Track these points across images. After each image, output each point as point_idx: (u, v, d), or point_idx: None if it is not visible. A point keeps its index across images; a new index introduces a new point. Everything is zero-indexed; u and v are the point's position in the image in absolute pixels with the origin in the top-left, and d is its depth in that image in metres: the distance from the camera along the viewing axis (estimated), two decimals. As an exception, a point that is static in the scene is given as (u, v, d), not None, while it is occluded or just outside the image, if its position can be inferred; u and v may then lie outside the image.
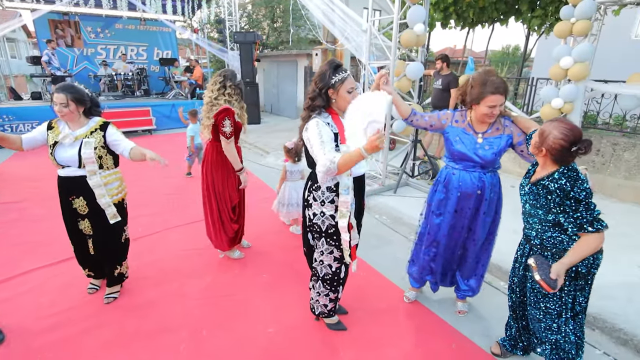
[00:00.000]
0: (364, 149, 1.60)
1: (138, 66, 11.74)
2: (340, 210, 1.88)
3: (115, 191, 2.48)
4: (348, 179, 1.85)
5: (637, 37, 9.14)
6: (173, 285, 2.83)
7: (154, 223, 3.92)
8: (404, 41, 4.10)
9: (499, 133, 2.10)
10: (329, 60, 1.90)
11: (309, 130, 1.83)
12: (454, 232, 2.34)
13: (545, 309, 1.75)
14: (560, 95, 4.26)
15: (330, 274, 2.10)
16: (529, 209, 1.76)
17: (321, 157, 1.73)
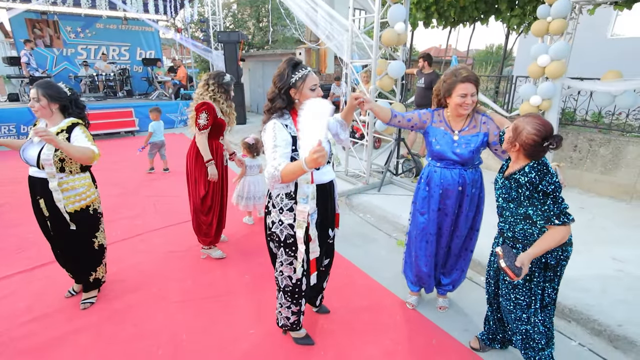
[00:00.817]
0: (305, 161, 1.48)
1: (120, 66, 11.53)
2: (298, 220, 1.78)
3: (79, 197, 2.33)
4: (307, 186, 1.74)
5: (612, 36, 9.39)
6: (153, 288, 2.79)
7: (135, 226, 3.85)
8: (385, 40, 4.12)
9: (475, 131, 2.12)
10: (287, 58, 1.79)
11: (266, 132, 1.73)
12: (441, 232, 2.35)
13: (515, 299, 1.79)
14: (539, 93, 4.35)
15: (291, 285, 1.98)
16: (502, 203, 1.80)
17: (269, 163, 1.63)
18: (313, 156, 1.43)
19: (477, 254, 3.13)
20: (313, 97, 1.73)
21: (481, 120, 2.14)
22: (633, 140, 4.27)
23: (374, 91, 4.42)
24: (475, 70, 15.61)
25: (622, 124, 4.63)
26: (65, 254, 2.47)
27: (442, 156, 2.18)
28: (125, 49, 12.51)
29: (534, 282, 1.74)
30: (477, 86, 2.06)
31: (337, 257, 3.26)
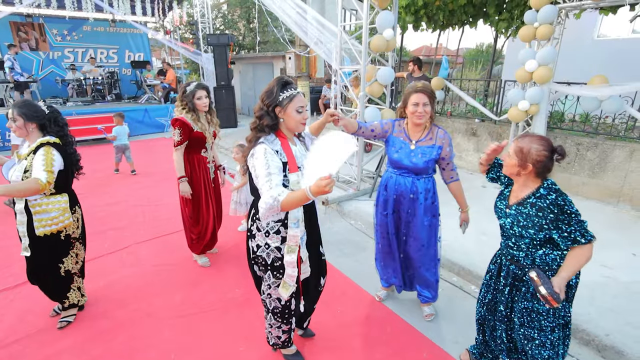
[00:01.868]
0: (310, 190, 1.45)
1: (108, 69, 11.37)
2: (289, 245, 1.74)
3: (50, 222, 2.22)
4: (298, 210, 1.72)
5: (599, 37, 9.52)
6: (141, 304, 2.74)
7: (122, 237, 3.79)
8: (373, 46, 4.11)
9: (431, 143, 2.26)
10: (277, 77, 1.77)
11: (256, 157, 1.65)
12: (398, 234, 2.48)
13: (540, 326, 1.71)
14: (527, 98, 4.39)
15: (280, 307, 1.94)
16: (519, 231, 1.68)
17: (266, 192, 1.56)
18: (323, 187, 1.40)
19: (465, 262, 3.15)
20: (298, 119, 1.72)
21: (438, 133, 2.26)
22: (619, 144, 4.32)
23: (364, 97, 4.41)
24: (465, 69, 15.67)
25: (608, 127, 4.69)
26: (35, 277, 2.39)
27: (399, 164, 2.31)
28: (113, 51, 12.34)
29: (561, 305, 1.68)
30: (431, 98, 2.18)
31: (328, 267, 3.24)
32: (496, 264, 1.91)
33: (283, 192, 1.56)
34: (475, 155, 5.77)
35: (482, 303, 2.02)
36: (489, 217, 2.21)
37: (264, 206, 1.55)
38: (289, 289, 1.81)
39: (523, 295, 1.73)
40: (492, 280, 1.93)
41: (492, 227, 3.71)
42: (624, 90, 4.00)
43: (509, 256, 1.78)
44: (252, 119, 1.80)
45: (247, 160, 1.73)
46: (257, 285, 2.02)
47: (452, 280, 3.09)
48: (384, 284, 2.80)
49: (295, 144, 1.82)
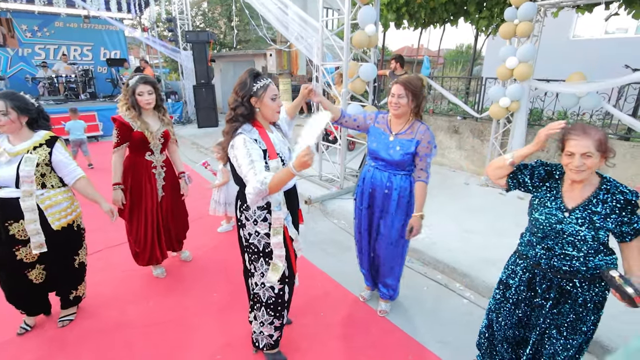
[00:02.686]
0: (293, 166, 1.54)
1: (83, 67, 10.93)
2: (274, 228, 1.82)
3: (64, 213, 2.22)
4: (278, 194, 1.79)
5: (574, 37, 9.77)
6: (112, 313, 2.57)
7: (93, 241, 3.54)
8: (355, 42, 4.04)
9: (411, 137, 2.18)
10: (248, 69, 1.81)
11: (236, 147, 1.69)
12: (366, 230, 2.46)
13: (582, 333, 1.60)
14: (507, 95, 4.41)
15: (274, 296, 1.95)
16: (588, 234, 1.48)
17: (251, 179, 1.62)
18: (303, 159, 1.50)
19: (450, 259, 3.11)
20: (274, 107, 1.79)
21: (419, 129, 2.19)
22: (597, 140, 4.38)
23: (346, 94, 4.33)
24: (446, 69, 15.88)
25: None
26: (51, 275, 2.31)
27: (376, 154, 2.27)
28: (87, 49, 11.89)
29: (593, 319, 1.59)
30: (409, 90, 2.11)
31: (310, 268, 3.17)
32: (523, 278, 1.69)
33: (268, 175, 1.62)
34: (458, 152, 5.79)
35: (508, 322, 1.78)
36: (472, 214, 2.17)
37: (252, 191, 1.61)
38: (279, 269, 1.85)
39: (570, 307, 1.58)
40: (519, 296, 1.71)
41: (476, 225, 3.74)
42: (600, 87, 4.06)
43: (553, 268, 1.58)
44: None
45: (227, 152, 1.77)
46: (246, 279, 2.09)
47: (436, 278, 3.04)
48: (367, 283, 2.74)
49: (272, 131, 1.87)
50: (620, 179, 1.56)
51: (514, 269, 1.75)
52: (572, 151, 1.44)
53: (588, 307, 1.56)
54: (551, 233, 1.56)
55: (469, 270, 2.96)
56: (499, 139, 5.02)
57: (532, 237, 1.66)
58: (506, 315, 1.77)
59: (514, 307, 1.74)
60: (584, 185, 1.52)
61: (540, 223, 1.59)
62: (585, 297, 1.55)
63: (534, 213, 1.63)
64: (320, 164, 5.10)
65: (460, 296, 2.82)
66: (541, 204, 1.61)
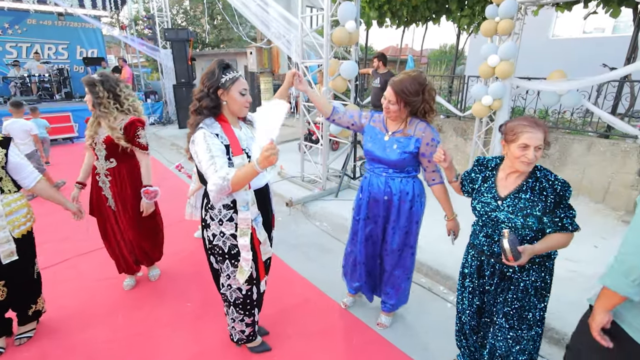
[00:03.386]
0: (257, 162, 1.46)
1: (57, 66, 10.51)
2: (241, 228, 1.72)
3: (24, 219, 2.07)
4: (246, 193, 1.69)
5: (553, 37, 9.92)
6: (76, 326, 2.40)
7: (61, 250, 3.38)
8: (335, 39, 3.94)
9: (409, 135, 2.05)
10: (217, 60, 1.70)
11: (196, 143, 1.60)
12: (370, 240, 2.30)
13: (527, 324, 1.66)
14: (489, 93, 4.38)
15: (242, 297, 1.90)
16: (519, 221, 1.54)
17: (212, 175, 1.53)
18: (265, 154, 1.42)
19: (434, 262, 3.04)
20: (242, 101, 1.70)
21: (418, 126, 2.03)
22: (578, 138, 4.41)
23: (327, 92, 4.22)
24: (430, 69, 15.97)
25: (567, 122, 4.79)
26: (9, 290, 2.11)
27: (372, 155, 2.14)
28: (62, 47, 11.45)
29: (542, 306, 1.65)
30: (401, 97, 1.94)
31: (290, 273, 3.05)
32: (473, 265, 1.77)
33: (231, 170, 1.53)
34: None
35: (469, 311, 1.83)
36: (459, 215, 2.08)
37: (213, 189, 1.52)
38: (245, 273, 1.77)
39: (514, 294, 1.63)
40: (473, 284, 1.78)
41: (462, 225, 3.67)
42: (581, 85, 4.07)
43: (494, 254, 1.66)
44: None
45: (189, 148, 1.69)
46: (215, 279, 1.99)
47: (420, 282, 2.96)
48: (350, 291, 2.63)
49: (240, 127, 1.79)
50: (600, 177, 1.57)
51: (466, 259, 1.83)
52: (527, 143, 1.47)
53: (530, 292, 1.62)
54: (488, 221, 1.65)
55: (453, 272, 2.89)
56: (482, 137, 5.00)
57: (475, 226, 1.77)
58: (467, 305, 1.84)
59: (471, 296, 1.81)
60: (518, 175, 1.58)
61: (478, 212, 1.68)
62: (525, 282, 1.61)
63: (473, 202, 1.72)
64: (302, 164, 4.98)
65: (444, 300, 2.75)
66: (478, 193, 1.70)
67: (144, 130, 2.45)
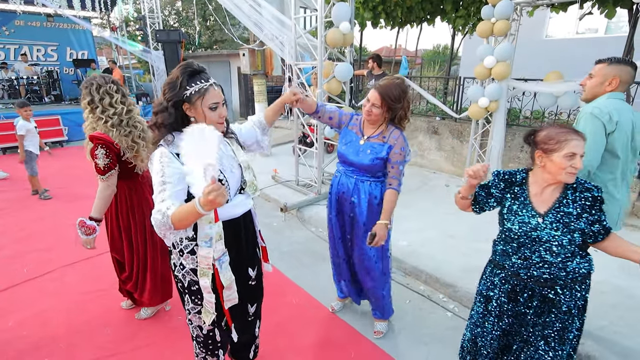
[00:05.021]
0: (200, 203, 1.14)
1: (46, 68, 10.32)
2: (200, 267, 1.43)
3: None
4: (210, 226, 1.37)
5: (547, 37, 9.94)
6: (59, 344, 2.28)
7: (46, 260, 3.25)
8: (329, 40, 3.85)
9: (383, 141, 2.04)
10: (184, 63, 1.39)
11: (152, 163, 1.34)
12: (339, 238, 2.31)
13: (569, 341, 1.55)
14: (486, 94, 4.32)
15: (202, 336, 1.64)
16: (565, 238, 1.42)
17: (156, 205, 1.27)
18: (208, 197, 1.09)
19: (433, 268, 2.97)
20: (213, 117, 1.39)
21: (392, 133, 2.03)
22: (574, 139, 4.36)
23: (322, 95, 4.14)
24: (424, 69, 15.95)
25: (564, 123, 4.74)
26: None
27: (344, 158, 2.14)
28: (52, 49, 11.25)
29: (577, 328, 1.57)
30: (385, 101, 1.95)
31: (284, 282, 2.95)
32: (502, 289, 1.60)
33: (172, 205, 1.24)
34: (437, 153, 5.70)
35: (493, 335, 1.67)
36: (454, 218, 2.02)
37: (154, 223, 1.26)
38: (210, 315, 1.52)
39: (556, 316, 1.51)
40: (502, 307, 1.62)
41: (458, 229, 3.61)
42: (577, 86, 4.02)
43: (533, 277, 1.50)
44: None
45: None
46: (183, 304, 1.68)
47: (419, 290, 2.89)
48: (339, 294, 2.61)
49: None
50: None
51: (492, 280, 1.66)
52: (575, 152, 1.36)
53: (573, 313, 1.51)
54: (527, 242, 1.49)
55: (453, 279, 2.82)
56: (479, 139, 4.95)
57: (506, 246, 1.57)
58: (490, 329, 1.68)
59: (497, 320, 1.66)
60: (555, 186, 1.47)
61: (514, 233, 1.51)
62: (569, 304, 1.50)
63: (507, 224, 1.55)
64: (297, 168, 4.89)
65: (444, 308, 2.67)
66: (511, 212, 1.54)
67: (105, 149, 2.01)
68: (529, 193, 1.52)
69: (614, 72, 1.89)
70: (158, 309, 2.58)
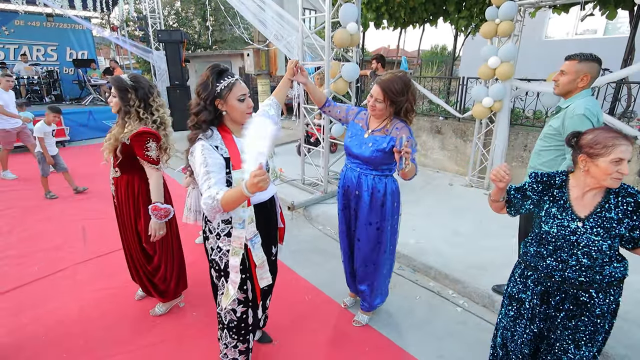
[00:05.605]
0: (246, 187, 1.31)
1: (47, 68, 10.29)
2: (233, 247, 1.59)
3: None
4: (243, 210, 1.56)
5: (546, 37, 10.04)
6: (78, 340, 2.30)
7: (56, 259, 3.27)
8: (337, 41, 3.90)
9: (385, 134, 2.07)
10: (211, 65, 1.57)
11: (194, 155, 1.51)
12: (344, 232, 2.37)
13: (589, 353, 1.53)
14: (490, 94, 4.38)
15: (236, 320, 1.77)
16: (605, 244, 1.40)
17: (205, 192, 1.43)
18: (254, 181, 1.27)
19: (441, 264, 3.01)
20: (242, 108, 1.58)
21: (396, 126, 2.05)
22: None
23: (328, 95, 4.18)
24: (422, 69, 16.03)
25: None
26: None
27: (349, 150, 2.19)
28: (52, 49, 11.22)
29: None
30: (387, 96, 1.97)
31: (296, 280, 2.99)
32: (535, 291, 1.58)
33: (221, 190, 1.42)
34: (441, 152, 5.75)
35: (525, 339, 1.65)
36: (460, 216, 2.06)
37: (204, 207, 1.43)
38: (230, 297, 1.65)
39: (588, 319, 1.49)
40: (534, 310, 1.60)
41: (464, 227, 3.66)
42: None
43: (568, 280, 1.48)
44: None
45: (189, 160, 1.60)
46: (214, 294, 1.85)
47: (428, 286, 2.93)
48: (351, 290, 2.64)
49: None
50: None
51: (524, 282, 1.62)
52: (623, 157, 1.33)
53: (605, 317, 1.49)
54: (565, 245, 1.46)
55: (462, 276, 2.87)
56: (482, 139, 5.00)
57: (541, 248, 1.55)
58: (522, 333, 1.65)
59: (529, 323, 1.63)
60: (600, 189, 1.43)
61: (552, 236, 1.49)
62: (603, 307, 1.47)
63: (544, 226, 1.52)
64: (303, 167, 4.93)
65: (453, 304, 2.72)
66: (549, 215, 1.50)
67: (155, 142, 2.15)
68: (569, 196, 1.48)
69: (585, 69, 2.01)
70: (172, 305, 2.61)
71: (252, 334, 1.86)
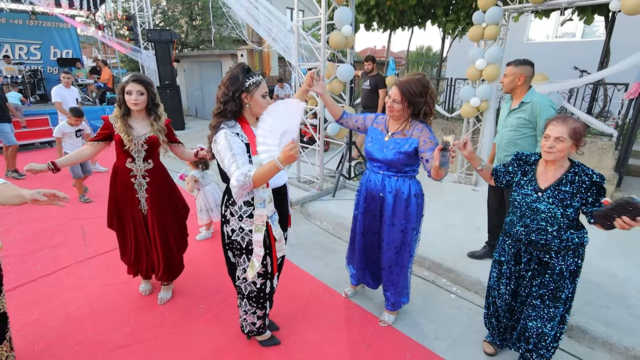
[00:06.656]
0: (279, 160, 1.54)
1: (30, 67, 10.08)
2: (256, 224, 1.80)
3: None
4: (264, 191, 1.76)
5: (528, 40, 10.42)
6: (86, 334, 2.36)
7: (59, 257, 3.29)
8: (332, 43, 4.03)
9: (406, 136, 2.12)
10: (239, 63, 1.79)
11: (218, 142, 1.70)
12: (370, 232, 2.40)
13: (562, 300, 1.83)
14: (477, 95, 4.59)
15: (255, 291, 2.01)
16: (558, 211, 1.71)
17: (234, 171, 1.61)
18: (289, 153, 1.50)
19: (435, 256, 3.18)
20: (264, 104, 1.75)
21: (416, 127, 2.10)
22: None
23: (324, 95, 4.30)
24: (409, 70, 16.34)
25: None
26: None
27: (370, 155, 2.25)
28: (35, 47, 10.97)
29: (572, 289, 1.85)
30: (405, 97, 2.02)
31: (298, 273, 3.11)
32: (510, 253, 1.94)
33: (252, 167, 1.62)
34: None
35: (506, 295, 2.02)
36: (451, 210, 2.23)
37: (235, 184, 1.59)
38: (255, 268, 1.84)
39: (550, 277, 1.81)
40: (510, 269, 1.97)
41: (456, 220, 3.85)
42: (560, 87, 4.34)
43: (532, 242, 1.83)
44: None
45: (212, 148, 1.77)
46: (231, 273, 2.10)
47: (423, 275, 3.09)
48: (352, 282, 2.75)
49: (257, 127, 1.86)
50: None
51: (503, 247, 2.00)
52: (548, 134, 1.69)
53: (565, 275, 1.80)
54: (527, 211, 1.81)
55: (454, 265, 3.04)
56: (470, 137, 5.22)
57: (513, 216, 1.91)
58: (504, 290, 2.02)
59: (508, 281, 1.99)
60: (556, 168, 1.75)
61: (518, 203, 1.85)
62: (562, 266, 1.79)
63: (513, 194, 1.89)
64: (298, 165, 5.04)
65: (448, 291, 2.89)
66: (519, 186, 1.87)
67: None
68: (536, 172, 1.83)
69: (519, 71, 2.51)
70: (172, 287, 2.80)
71: (268, 302, 2.11)
